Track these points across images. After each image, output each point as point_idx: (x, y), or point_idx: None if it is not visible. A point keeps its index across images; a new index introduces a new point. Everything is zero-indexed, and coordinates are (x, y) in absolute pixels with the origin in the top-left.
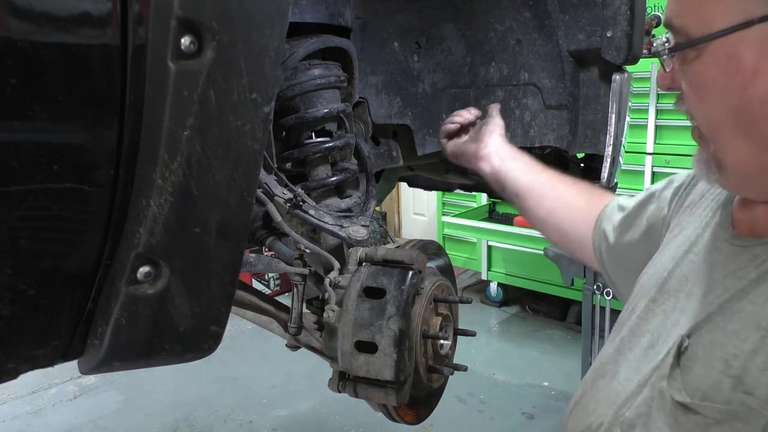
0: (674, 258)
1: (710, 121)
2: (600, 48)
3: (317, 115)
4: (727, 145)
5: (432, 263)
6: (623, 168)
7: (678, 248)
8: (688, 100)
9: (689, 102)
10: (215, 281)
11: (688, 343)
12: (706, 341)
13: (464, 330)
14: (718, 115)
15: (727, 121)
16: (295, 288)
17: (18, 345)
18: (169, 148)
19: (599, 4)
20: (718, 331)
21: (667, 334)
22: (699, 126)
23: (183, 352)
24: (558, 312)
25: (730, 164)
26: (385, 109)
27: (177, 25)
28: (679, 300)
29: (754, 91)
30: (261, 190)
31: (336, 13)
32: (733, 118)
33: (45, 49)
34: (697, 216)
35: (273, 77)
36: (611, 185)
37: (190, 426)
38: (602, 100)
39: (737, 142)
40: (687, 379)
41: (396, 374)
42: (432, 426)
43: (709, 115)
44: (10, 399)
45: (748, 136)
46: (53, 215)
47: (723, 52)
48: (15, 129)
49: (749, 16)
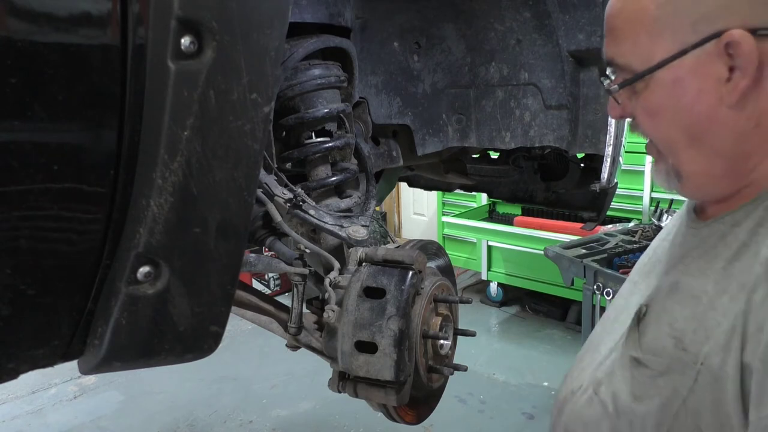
0: (654, 247)
1: (665, 138)
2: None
3: (317, 115)
4: (683, 157)
5: (432, 263)
6: (623, 168)
7: (658, 239)
8: (642, 123)
9: (644, 125)
10: (215, 281)
11: (645, 310)
12: (659, 309)
13: (464, 330)
14: (672, 133)
15: (680, 137)
16: (295, 288)
17: (18, 345)
18: (169, 148)
19: (599, 4)
20: (668, 300)
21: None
22: (656, 144)
23: (183, 352)
24: (558, 312)
25: (688, 173)
26: (385, 109)
27: (177, 25)
28: (650, 278)
29: (701, 108)
30: (261, 190)
31: (336, 13)
32: (686, 133)
33: (45, 49)
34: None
35: (273, 77)
36: (611, 185)
37: (190, 426)
38: (602, 100)
39: (692, 153)
40: (642, 340)
41: (396, 374)
42: (432, 426)
43: (663, 135)
44: (10, 399)
45: (700, 147)
46: (53, 215)
47: (668, 79)
48: (15, 129)
49: (683, 46)
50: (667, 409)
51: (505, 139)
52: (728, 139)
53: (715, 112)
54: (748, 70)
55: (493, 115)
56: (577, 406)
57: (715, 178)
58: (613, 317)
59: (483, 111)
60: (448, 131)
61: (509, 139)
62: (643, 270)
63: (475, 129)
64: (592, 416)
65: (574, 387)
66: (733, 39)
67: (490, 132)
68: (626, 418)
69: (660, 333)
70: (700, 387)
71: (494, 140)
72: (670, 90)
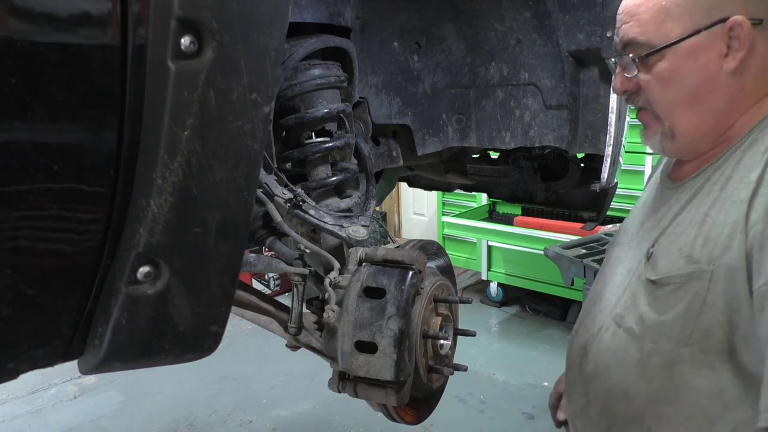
0: (633, 213)
1: (670, 101)
2: (600, 48)
3: (317, 115)
4: (682, 117)
5: (432, 263)
6: (623, 168)
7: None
8: (652, 90)
9: (652, 92)
10: (215, 281)
11: (652, 250)
12: (665, 244)
13: (464, 330)
14: (677, 96)
15: (684, 99)
16: (295, 288)
17: (18, 345)
18: (169, 148)
19: (599, 4)
20: (671, 235)
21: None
22: (656, 109)
23: (183, 352)
24: (558, 312)
25: (681, 131)
26: (385, 109)
27: (177, 25)
28: (640, 234)
29: (707, 74)
30: (261, 190)
31: (336, 13)
32: (689, 95)
33: (45, 49)
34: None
35: (273, 77)
36: (611, 185)
37: (190, 426)
38: (602, 100)
39: (689, 113)
40: (657, 269)
41: (396, 374)
42: (432, 426)
43: (669, 98)
44: (10, 399)
45: (699, 107)
46: (53, 215)
47: (683, 51)
48: (15, 129)
49: (698, 27)
50: (690, 311)
51: (505, 139)
52: (723, 100)
53: (717, 77)
54: (745, 45)
55: (493, 115)
56: (603, 342)
57: (703, 133)
58: (609, 273)
59: (483, 111)
60: (448, 131)
61: (509, 139)
62: (628, 232)
63: (475, 129)
64: (619, 344)
65: (593, 331)
66: (737, 22)
67: (490, 132)
68: (653, 334)
69: (671, 258)
70: (714, 284)
71: (494, 140)
72: (683, 60)
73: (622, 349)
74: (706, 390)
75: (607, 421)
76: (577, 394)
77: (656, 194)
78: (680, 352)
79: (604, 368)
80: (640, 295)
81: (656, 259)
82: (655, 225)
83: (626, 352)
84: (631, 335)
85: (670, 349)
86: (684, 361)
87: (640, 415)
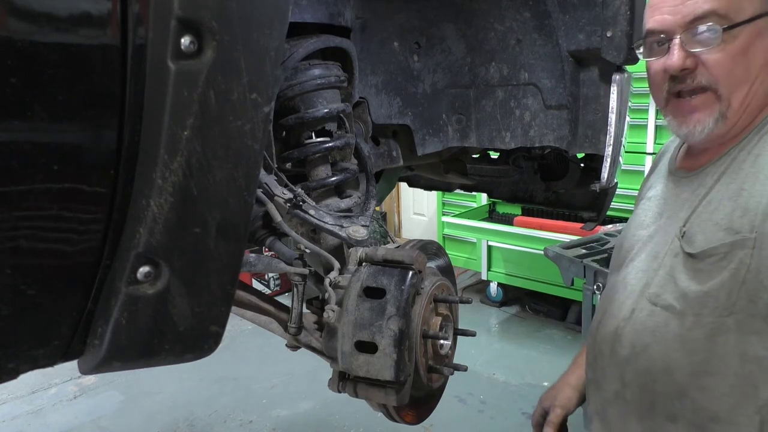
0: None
1: (737, 80)
2: (600, 48)
3: (317, 115)
4: (740, 96)
5: (432, 263)
6: (623, 168)
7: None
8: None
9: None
10: (215, 281)
11: (684, 230)
12: (699, 222)
13: (464, 330)
14: (744, 75)
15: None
16: (295, 288)
17: (18, 345)
18: (169, 148)
19: (599, 4)
20: (704, 213)
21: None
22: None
23: (183, 352)
24: (558, 312)
25: (734, 110)
26: (385, 109)
27: (177, 25)
28: (660, 224)
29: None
30: (261, 190)
31: (336, 13)
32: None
33: (45, 49)
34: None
35: (273, 77)
36: (611, 185)
37: (190, 426)
38: (602, 100)
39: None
40: (694, 245)
41: (396, 374)
42: (432, 426)
43: (738, 76)
44: (10, 399)
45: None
46: (53, 215)
47: (755, 30)
48: (15, 129)
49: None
50: (735, 278)
51: (505, 139)
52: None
53: None
54: None
55: (493, 115)
56: (638, 323)
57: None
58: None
59: (483, 111)
60: (448, 131)
61: (509, 139)
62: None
63: (475, 129)
64: (657, 323)
65: (623, 315)
66: None
67: (490, 132)
68: (696, 306)
69: (709, 232)
70: (758, 250)
71: (494, 140)
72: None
73: (661, 327)
74: (752, 356)
75: (649, 400)
76: (610, 380)
77: (668, 187)
78: (724, 322)
79: (641, 348)
80: (679, 272)
81: (692, 236)
82: (678, 210)
83: (666, 329)
84: (670, 311)
85: (713, 320)
86: (728, 330)
87: (684, 390)
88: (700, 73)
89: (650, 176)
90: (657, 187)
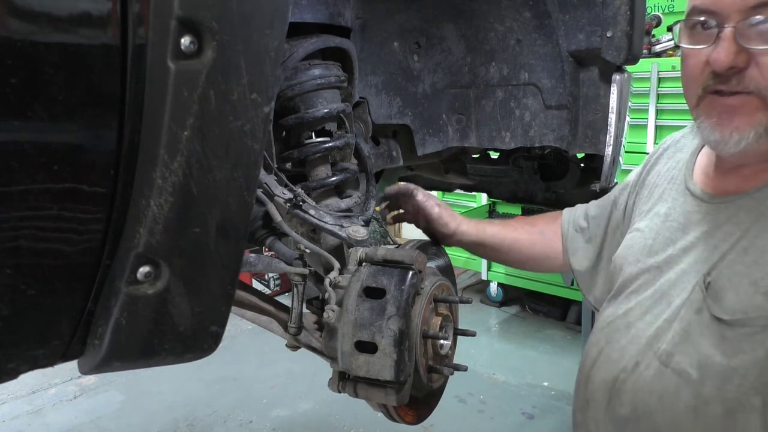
0: (652, 229)
1: None
2: (600, 48)
3: (317, 115)
4: None
5: (432, 263)
6: (623, 168)
7: (651, 222)
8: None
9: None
10: (215, 281)
11: (709, 279)
12: (729, 274)
13: (464, 330)
14: None
15: None
16: (295, 288)
17: (18, 345)
18: (169, 148)
19: (599, 4)
20: (738, 264)
21: (677, 282)
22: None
23: (183, 352)
24: (558, 312)
25: None
26: (385, 109)
27: (177, 25)
28: (673, 257)
29: None
30: (261, 190)
31: (336, 13)
32: None
33: (45, 49)
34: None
35: (273, 77)
36: (611, 185)
37: (190, 426)
38: (602, 100)
39: None
40: (722, 305)
41: (396, 374)
42: (432, 426)
43: None
44: (10, 399)
45: None
46: (53, 215)
47: None
48: (15, 129)
49: None
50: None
51: (505, 139)
52: None
53: None
54: None
55: (493, 115)
56: (643, 382)
57: None
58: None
59: (483, 111)
60: (448, 131)
61: (509, 139)
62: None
63: (475, 129)
64: (666, 387)
65: (625, 365)
66: None
67: (490, 132)
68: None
69: (744, 293)
70: None
71: (494, 140)
72: None
73: (671, 393)
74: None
75: None
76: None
77: (686, 209)
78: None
79: (644, 412)
80: (701, 335)
81: (720, 292)
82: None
83: (676, 397)
84: (683, 378)
85: (736, 397)
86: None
87: None
88: (750, 76)
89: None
90: (669, 203)
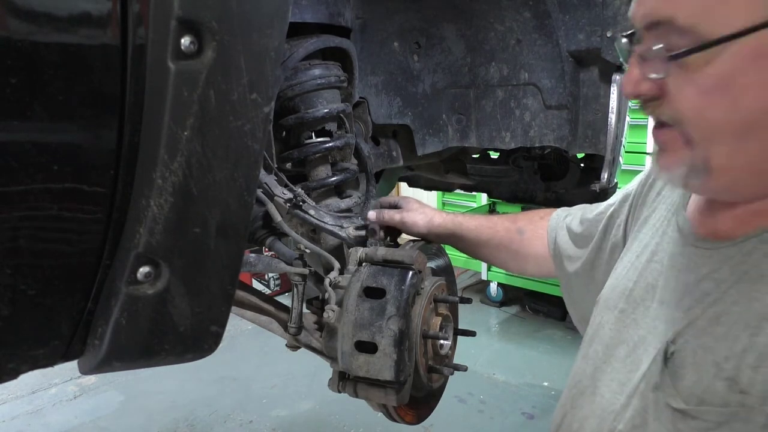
0: (636, 268)
1: (714, 125)
2: (600, 48)
3: (317, 115)
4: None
5: (432, 263)
6: (623, 168)
7: (638, 259)
8: (687, 104)
9: (688, 107)
10: (215, 281)
11: (673, 348)
12: (695, 346)
13: (464, 330)
14: (725, 117)
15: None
16: (295, 288)
17: (18, 345)
18: (169, 148)
19: (599, 4)
20: (706, 336)
21: (645, 341)
22: (690, 131)
23: (183, 352)
24: (558, 312)
25: (722, 167)
26: (385, 109)
27: (177, 25)
28: (650, 308)
29: None
30: (261, 190)
31: (336, 13)
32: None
33: (45, 49)
34: (651, 226)
35: (273, 77)
36: (611, 185)
37: (190, 426)
38: (602, 100)
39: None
40: (680, 385)
41: (396, 374)
42: (432, 426)
43: (715, 119)
44: (10, 399)
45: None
46: (53, 215)
47: (748, 52)
48: (15, 129)
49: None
50: None
51: (505, 139)
52: None
53: None
54: None
55: (493, 115)
56: None
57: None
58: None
59: (483, 111)
60: (448, 131)
61: (509, 139)
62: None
63: (475, 129)
64: None
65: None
66: None
67: (490, 132)
68: None
69: (704, 375)
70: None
71: (494, 140)
72: (747, 64)
73: None
74: None
75: None
76: None
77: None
78: None
79: None
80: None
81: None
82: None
83: None
84: None
85: None
86: None
87: None
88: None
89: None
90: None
